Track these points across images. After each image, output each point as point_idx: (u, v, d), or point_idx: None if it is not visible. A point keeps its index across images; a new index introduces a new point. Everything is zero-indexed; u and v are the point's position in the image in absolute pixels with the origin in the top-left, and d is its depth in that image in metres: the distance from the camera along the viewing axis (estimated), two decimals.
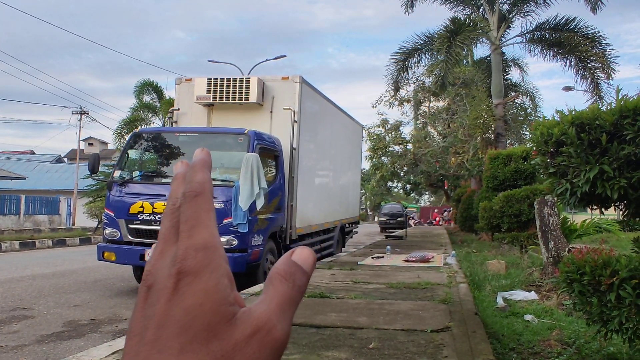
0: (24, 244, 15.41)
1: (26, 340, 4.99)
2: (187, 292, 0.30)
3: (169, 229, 0.33)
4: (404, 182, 35.77)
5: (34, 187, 30.14)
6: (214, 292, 0.31)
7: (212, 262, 0.31)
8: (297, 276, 0.33)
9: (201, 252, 0.31)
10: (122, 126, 23.51)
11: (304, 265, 0.34)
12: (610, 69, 16.19)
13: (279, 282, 0.32)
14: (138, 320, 0.31)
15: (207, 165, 0.35)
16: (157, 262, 0.32)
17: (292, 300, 0.33)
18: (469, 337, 4.08)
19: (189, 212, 0.32)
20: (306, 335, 4.22)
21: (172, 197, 0.34)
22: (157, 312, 0.30)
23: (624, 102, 3.02)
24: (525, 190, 10.76)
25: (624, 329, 2.95)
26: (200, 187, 0.33)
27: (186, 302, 0.30)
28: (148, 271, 0.32)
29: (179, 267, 0.31)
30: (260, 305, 0.32)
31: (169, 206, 0.34)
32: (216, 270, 0.31)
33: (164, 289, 0.31)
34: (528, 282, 7.38)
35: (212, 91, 9.00)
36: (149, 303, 0.31)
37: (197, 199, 0.33)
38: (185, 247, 0.31)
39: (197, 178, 0.34)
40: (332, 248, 12.04)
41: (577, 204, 3.37)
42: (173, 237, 0.33)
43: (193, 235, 0.32)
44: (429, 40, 16.93)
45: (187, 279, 0.30)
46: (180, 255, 0.31)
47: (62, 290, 7.67)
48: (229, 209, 6.97)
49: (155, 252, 0.33)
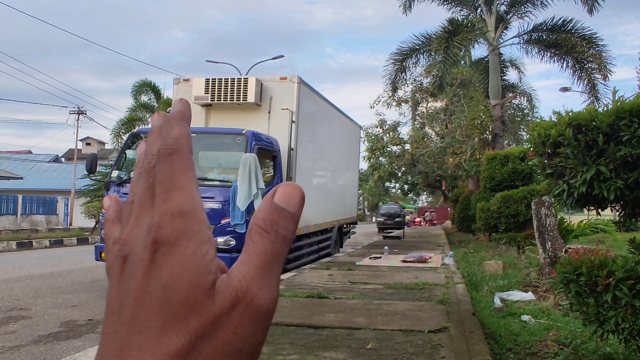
0: (21, 244, 15.37)
1: (23, 340, 4.98)
2: (163, 264, 0.27)
3: (144, 191, 0.30)
4: (402, 183, 35.82)
5: (32, 187, 30.08)
6: (190, 261, 0.27)
7: (190, 228, 0.28)
8: (281, 223, 0.29)
9: (178, 218, 0.28)
10: (120, 126, 23.49)
11: (288, 207, 0.29)
12: (606, 70, 16.24)
13: (258, 236, 0.28)
14: (115, 296, 0.29)
15: (184, 118, 0.31)
16: (133, 230, 0.29)
17: (276, 257, 0.28)
18: (466, 338, 4.09)
19: (164, 173, 0.29)
20: (304, 336, 4.22)
21: (148, 154, 0.31)
22: (134, 288, 0.28)
23: (621, 103, 3.04)
24: (522, 190, 10.78)
25: (620, 330, 2.96)
26: (176, 144, 0.30)
27: (163, 276, 0.27)
28: (123, 240, 0.30)
29: (154, 237, 0.28)
30: (240, 269, 0.28)
31: (144, 164, 0.31)
32: (194, 238, 0.28)
33: (140, 262, 0.28)
34: (525, 283, 7.39)
35: (210, 91, 8.99)
36: (125, 277, 0.29)
37: (173, 157, 0.29)
38: (161, 213, 0.28)
39: (172, 133, 0.30)
40: (330, 248, 12.04)
41: (574, 205, 3.38)
42: (149, 201, 0.29)
43: (169, 199, 0.28)
44: (427, 41, 16.95)
45: (163, 249, 0.28)
46: (156, 223, 0.28)
47: (59, 291, 7.66)
48: (227, 210, 6.97)
49: (131, 219, 0.30)
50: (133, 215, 0.30)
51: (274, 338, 4.10)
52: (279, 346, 3.91)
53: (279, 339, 4.11)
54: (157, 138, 0.31)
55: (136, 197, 0.30)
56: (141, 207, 0.30)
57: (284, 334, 4.26)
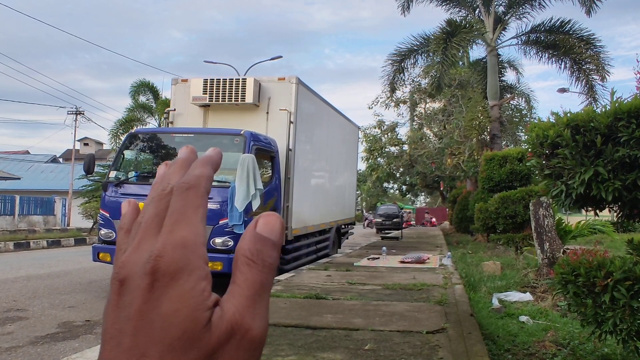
0: (18, 244, 15.32)
1: (20, 341, 4.96)
2: (162, 295, 0.28)
3: (153, 217, 0.31)
4: (400, 183, 35.85)
5: (29, 188, 30.00)
6: (189, 296, 0.28)
7: (190, 262, 0.29)
8: (266, 252, 0.30)
9: (179, 250, 0.29)
10: (118, 126, 23.44)
11: (271, 235, 0.31)
12: (604, 71, 16.28)
13: (246, 266, 0.30)
14: (112, 321, 0.29)
15: (212, 163, 0.33)
16: (133, 254, 0.30)
17: (264, 286, 0.30)
18: (464, 339, 4.09)
19: (177, 205, 0.30)
20: (302, 337, 4.22)
21: (164, 182, 0.32)
22: (134, 316, 0.28)
23: (619, 104, 3.04)
24: (520, 191, 10.79)
25: (618, 330, 2.96)
26: (195, 181, 0.31)
27: (163, 308, 0.28)
28: (122, 262, 0.30)
29: (152, 265, 0.28)
30: (232, 301, 0.29)
31: (158, 191, 0.32)
32: (193, 273, 0.29)
33: (138, 288, 0.29)
34: (523, 284, 7.39)
35: (208, 92, 8.98)
36: (123, 302, 0.29)
37: (189, 192, 0.31)
38: (163, 242, 0.29)
39: (196, 171, 0.32)
40: (328, 249, 12.04)
41: (572, 206, 3.39)
42: (154, 228, 0.30)
43: (174, 230, 0.29)
44: (425, 42, 16.97)
45: (163, 281, 0.28)
46: (156, 251, 0.29)
47: (56, 291, 7.64)
48: (225, 210, 6.96)
49: (134, 241, 0.31)
50: (136, 239, 0.31)
51: (272, 339, 4.09)
52: (278, 347, 3.90)
53: (277, 339, 4.10)
54: (179, 169, 0.33)
55: (142, 221, 0.31)
56: (145, 232, 0.30)
57: (282, 335, 4.25)
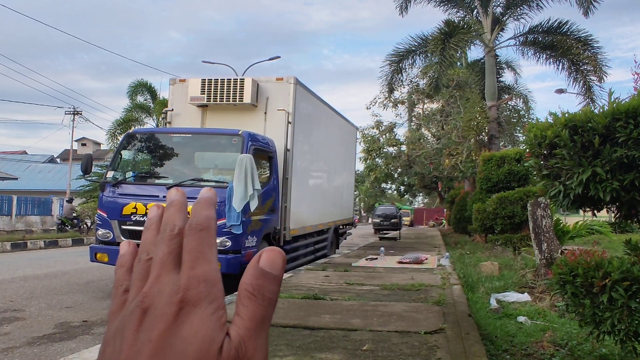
0: (15, 244, 15.28)
1: (17, 342, 4.94)
2: (185, 320, 0.32)
3: (167, 255, 0.34)
4: (398, 184, 35.84)
5: (26, 188, 29.96)
6: (209, 320, 0.32)
7: (211, 294, 0.33)
8: (266, 287, 0.33)
9: (202, 283, 0.33)
10: (116, 127, 23.43)
11: (272, 270, 0.34)
12: (602, 72, 16.32)
13: (248, 300, 0.33)
14: (130, 343, 0.32)
15: (213, 204, 0.37)
16: (154, 286, 0.33)
17: (264, 318, 0.33)
18: (462, 339, 4.09)
19: (193, 244, 0.34)
20: (300, 337, 4.21)
21: (170, 223, 0.36)
22: (155, 338, 0.31)
23: (616, 104, 3.04)
24: (518, 192, 10.80)
25: (616, 331, 2.96)
26: (206, 222, 0.35)
27: (184, 332, 0.31)
28: (144, 293, 0.33)
29: (182, 296, 0.32)
30: (237, 331, 0.33)
31: (167, 232, 0.35)
32: (214, 302, 0.33)
33: (163, 315, 0.32)
34: (521, 284, 7.40)
35: (206, 92, 8.97)
36: (144, 327, 0.32)
37: (203, 233, 0.34)
38: (188, 277, 0.33)
39: (204, 213, 0.35)
40: (326, 249, 12.03)
41: (570, 206, 3.39)
42: (171, 264, 0.34)
43: (195, 267, 0.33)
44: (423, 42, 16.99)
45: (187, 308, 0.32)
46: (184, 285, 0.32)
47: (53, 292, 7.61)
48: (223, 210, 6.95)
49: (151, 276, 0.34)
50: (153, 274, 0.34)
51: (270, 339, 4.07)
52: (275, 347, 3.90)
53: (275, 340, 4.09)
54: (179, 212, 0.36)
55: (157, 258, 0.35)
56: (162, 268, 0.34)
57: (280, 335, 4.25)
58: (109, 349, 0.33)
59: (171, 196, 0.38)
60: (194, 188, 7.09)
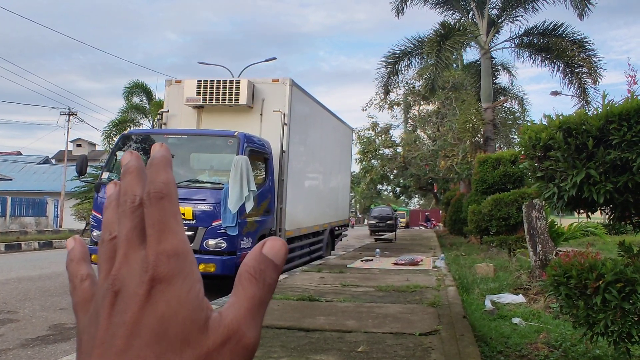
0: (9, 246, 15.20)
1: (10, 344, 4.91)
2: (160, 300, 0.30)
3: (132, 230, 0.32)
4: (394, 185, 35.93)
5: (21, 189, 29.79)
6: (186, 299, 0.30)
7: (184, 268, 0.31)
8: (268, 273, 0.32)
9: (173, 258, 0.30)
10: (111, 128, 23.34)
11: (275, 259, 0.33)
12: (596, 74, 16.41)
13: (248, 282, 0.32)
14: (104, 328, 0.30)
15: (169, 163, 0.33)
16: (123, 267, 0.31)
17: (262, 302, 0.32)
18: (457, 341, 4.09)
19: (156, 216, 0.31)
20: (295, 339, 4.20)
21: (129, 194, 0.32)
22: (128, 320, 0.30)
23: (610, 107, 3.06)
24: (513, 193, 10.84)
25: (610, 332, 2.97)
26: (165, 188, 0.32)
27: (159, 311, 0.30)
28: (114, 275, 0.31)
29: (151, 274, 0.30)
30: (231, 310, 0.31)
31: (127, 204, 0.32)
32: (188, 277, 0.31)
33: (135, 296, 0.30)
34: (516, 285, 7.42)
35: (201, 93, 8.96)
36: (117, 310, 0.30)
37: (163, 201, 0.31)
38: (156, 253, 0.30)
39: (160, 178, 0.32)
40: (322, 251, 12.03)
41: (564, 208, 3.40)
42: (137, 240, 0.31)
43: (162, 241, 0.31)
44: (419, 44, 17.03)
45: (159, 287, 0.30)
46: (152, 262, 0.30)
47: (48, 293, 7.58)
48: (218, 212, 6.94)
49: (118, 256, 0.32)
50: (120, 253, 0.32)
51: (264, 341, 4.08)
52: (270, 349, 3.89)
53: (270, 341, 4.09)
54: (137, 179, 0.33)
55: (121, 236, 0.32)
56: (128, 245, 0.32)
57: (275, 337, 4.24)
58: (85, 336, 0.32)
59: (125, 160, 0.34)
60: (189, 189, 7.07)
